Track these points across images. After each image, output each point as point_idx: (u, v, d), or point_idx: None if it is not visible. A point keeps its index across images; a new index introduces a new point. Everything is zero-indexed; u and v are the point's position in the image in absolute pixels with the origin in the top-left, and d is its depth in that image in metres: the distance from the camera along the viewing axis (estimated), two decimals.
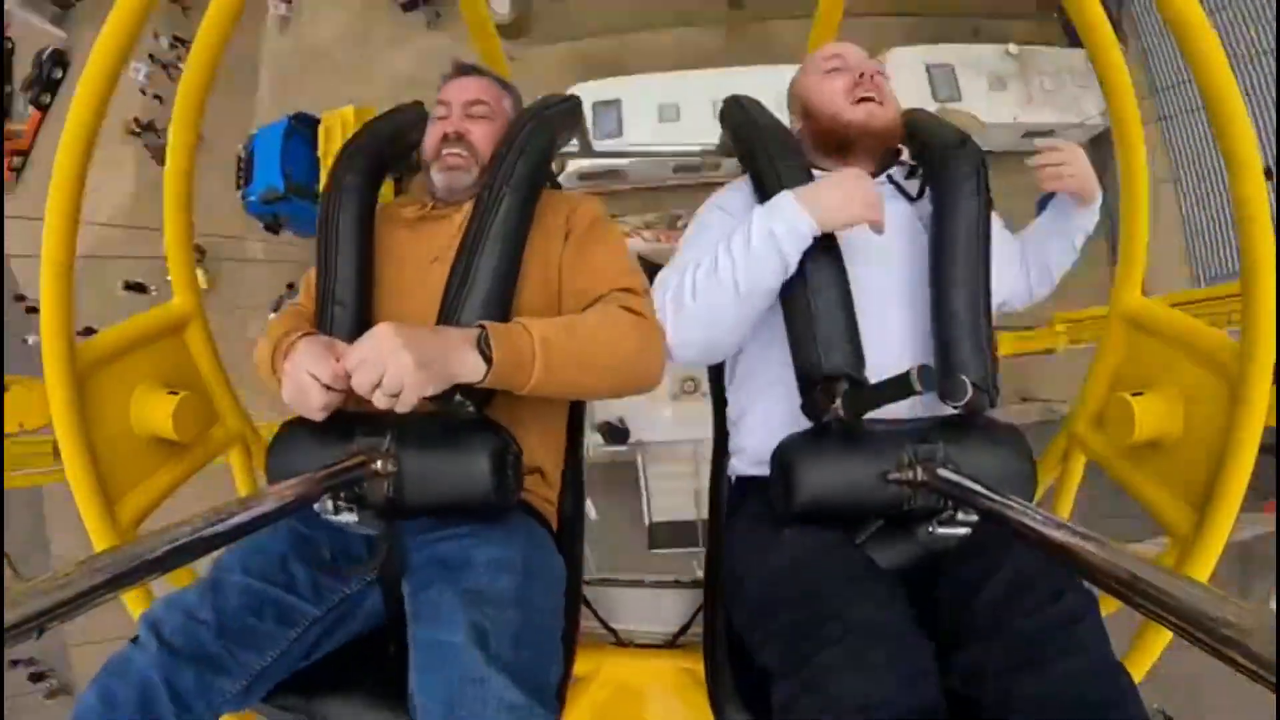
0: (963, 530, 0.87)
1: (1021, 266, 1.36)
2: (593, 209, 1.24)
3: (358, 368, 0.87)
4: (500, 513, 1.02)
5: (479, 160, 1.24)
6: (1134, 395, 1.17)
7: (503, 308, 1.06)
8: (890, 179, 1.20)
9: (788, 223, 0.99)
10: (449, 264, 1.10)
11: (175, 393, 1.26)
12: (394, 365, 0.85)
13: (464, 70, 1.34)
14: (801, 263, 1.02)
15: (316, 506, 0.88)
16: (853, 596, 0.83)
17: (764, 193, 1.12)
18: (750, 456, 1.16)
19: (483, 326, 0.94)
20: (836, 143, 1.19)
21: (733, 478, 1.21)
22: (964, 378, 0.90)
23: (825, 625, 0.80)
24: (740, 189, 1.22)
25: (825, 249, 1.04)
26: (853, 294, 1.03)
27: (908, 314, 1.08)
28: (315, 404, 0.95)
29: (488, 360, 0.91)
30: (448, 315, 1.04)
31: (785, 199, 1.01)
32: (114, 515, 1.15)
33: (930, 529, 0.87)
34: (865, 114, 1.17)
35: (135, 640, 0.89)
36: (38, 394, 3.69)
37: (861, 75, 1.19)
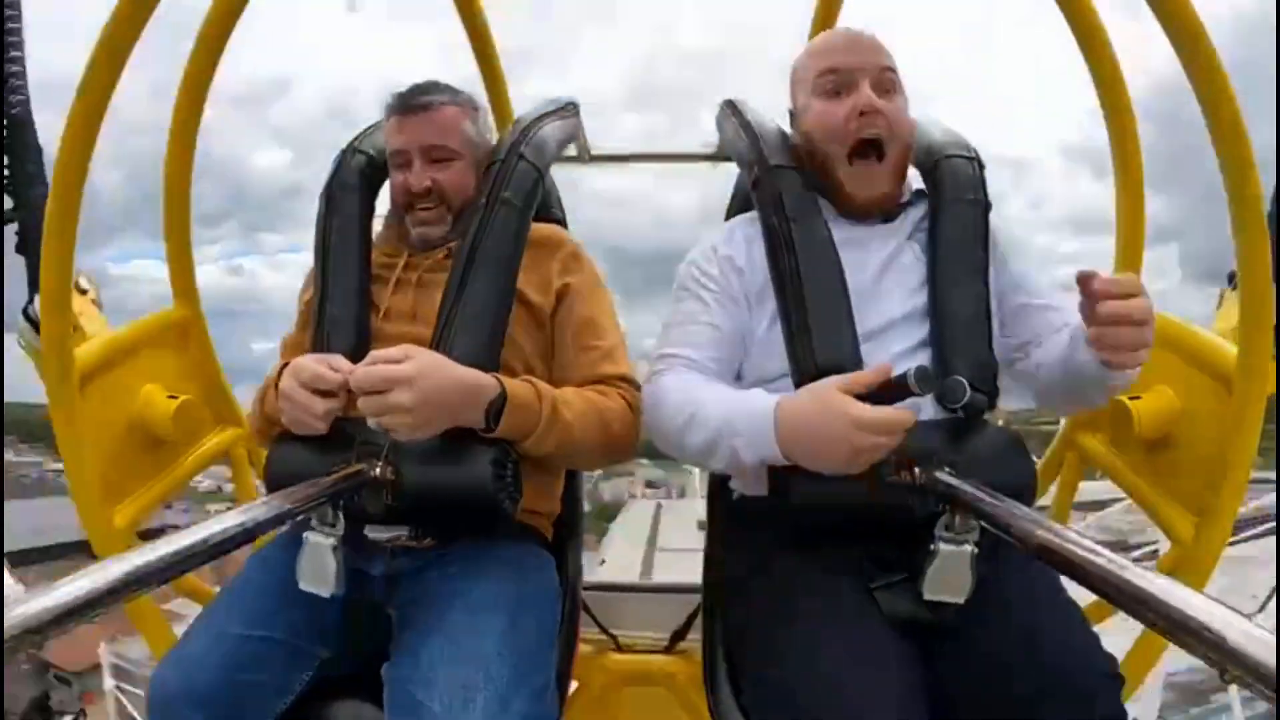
0: (968, 548, 0.84)
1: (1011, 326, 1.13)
2: (588, 263, 1.21)
3: (364, 403, 0.88)
4: (498, 521, 1.02)
5: (452, 206, 1.16)
6: (1132, 399, 1.17)
7: (494, 346, 1.06)
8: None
9: (754, 449, 0.90)
10: (433, 313, 1.07)
11: (175, 397, 1.26)
12: (395, 416, 0.87)
13: (409, 107, 1.15)
14: (797, 266, 1.02)
15: (313, 520, 0.88)
16: (853, 680, 0.82)
17: (769, 229, 1.08)
18: (749, 483, 1.14)
19: (503, 391, 0.96)
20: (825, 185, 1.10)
21: (734, 491, 1.21)
22: (962, 379, 0.90)
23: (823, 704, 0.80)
24: (730, 236, 1.14)
25: (821, 252, 1.04)
26: (850, 296, 1.03)
27: (906, 315, 1.08)
28: (317, 411, 0.95)
29: (491, 424, 0.95)
30: (440, 343, 1.03)
31: (766, 422, 0.88)
32: (113, 518, 1.15)
33: (933, 546, 0.85)
34: (858, 182, 1.05)
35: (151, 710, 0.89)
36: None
37: (864, 113, 1.02)
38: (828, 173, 1.08)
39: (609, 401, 1.08)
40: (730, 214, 1.32)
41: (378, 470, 0.93)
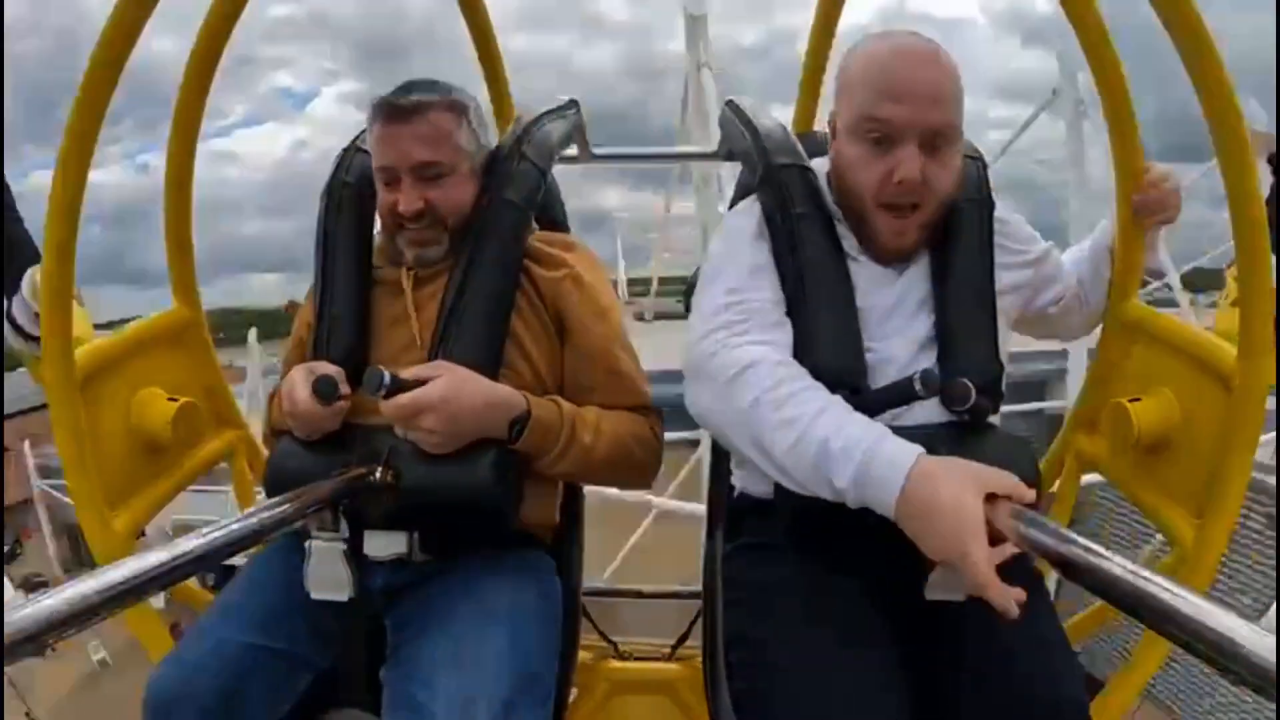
0: None
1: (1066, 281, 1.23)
2: (594, 280, 1.15)
3: (396, 424, 0.94)
4: (499, 525, 1.01)
5: (448, 224, 1.09)
6: (1132, 401, 1.17)
7: (493, 348, 1.06)
8: None
9: (875, 499, 0.79)
10: (433, 315, 1.08)
11: (175, 399, 1.26)
12: (423, 436, 0.93)
13: (395, 114, 1.04)
14: (802, 268, 1.02)
15: (313, 529, 0.88)
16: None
17: (774, 227, 1.05)
18: (755, 479, 1.14)
19: (528, 411, 0.99)
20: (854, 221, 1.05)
21: (735, 488, 1.20)
22: (967, 383, 0.90)
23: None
24: (752, 214, 1.10)
25: (829, 259, 1.03)
26: (856, 299, 1.02)
27: (911, 317, 1.07)
28: (325, 415, 0.98)
29: (513, 438, 0.98)
30: (439, 345, 1.05)
31: (893, 490, 0.77)
32: (112, 522, 1.14)
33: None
34: (888, 234, 1.00)
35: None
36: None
37: (900, 182, 0.94)
38: (855, 210, 1.03)
39: (635, 428, 1.09)
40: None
41: (378, 474, 0.93)
